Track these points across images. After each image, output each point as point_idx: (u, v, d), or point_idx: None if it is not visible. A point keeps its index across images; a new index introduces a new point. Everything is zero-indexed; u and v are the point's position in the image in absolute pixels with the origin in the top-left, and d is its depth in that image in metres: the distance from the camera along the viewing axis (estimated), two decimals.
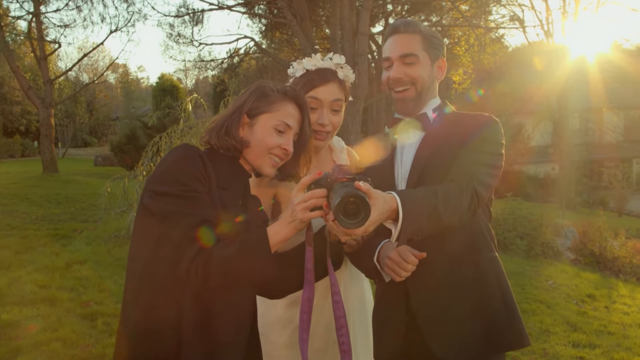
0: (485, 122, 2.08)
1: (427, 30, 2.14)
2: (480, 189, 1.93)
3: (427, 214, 1.78)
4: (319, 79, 2.14)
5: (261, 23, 21.73)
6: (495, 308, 2.04)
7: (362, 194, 1.55)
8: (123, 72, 46.87)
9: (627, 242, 10.25)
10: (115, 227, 9.23)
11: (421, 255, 1.86)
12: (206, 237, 1.61)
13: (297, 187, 1.69)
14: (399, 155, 2.17)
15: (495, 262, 2.11)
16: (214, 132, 1.82)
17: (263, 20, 21.12)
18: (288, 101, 1.86)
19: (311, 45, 16.38)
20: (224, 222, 1.67)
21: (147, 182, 1.72)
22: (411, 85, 2.10)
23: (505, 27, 21.42)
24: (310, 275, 1.75)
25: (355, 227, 1.55)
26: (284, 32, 22.23)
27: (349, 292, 2.29)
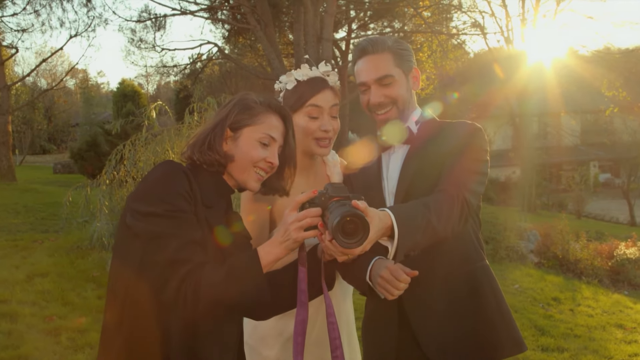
0: (469, 130, 2.09)
1: (395, 45, 2.14)
2: (470, 198, 1.94)
3: (422, 228, 1.78)
4: (316, 86, 2.15)
5: (224, 29, 21.57)
6: (491, 316, 2.06)
7: (361, 213, 1.52)
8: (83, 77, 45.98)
9: (589, 244, 10.48)
10: (78, 238, 9.01)
11: (413, 274, 1.85)
12: (193, 260, 1.54)
13: (291, 206, 1.65)
14: (385, 170, 2.17)
15: (488, 270, 2.13)
16: (197, 147, 1.75)
17: (226, 25, 20.95)
18: (272, 113, 1.81)
19: (275, 51, 16.35)
20: (210, 243, 1.62)
21: (129, 201, 1.64)
22: (392, 105, 2.11)
23: (466, 34, 21.71)
24: (304, 297, 1.70)
25: (354, 247, 1.53)
26: (247, 37, 22.11)
27: (341, 309, 2.28)
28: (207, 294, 1.52)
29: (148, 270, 1.56)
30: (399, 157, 2.15)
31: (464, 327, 2.03)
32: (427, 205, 1.83)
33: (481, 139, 2.08)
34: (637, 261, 9.52)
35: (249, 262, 1.60)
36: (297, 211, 1.64)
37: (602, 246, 10.53)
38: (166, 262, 1.53)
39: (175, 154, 8.08)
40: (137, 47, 20.22)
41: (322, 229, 1.60)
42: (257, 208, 2.06)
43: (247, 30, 21.10)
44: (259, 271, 1.60)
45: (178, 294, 1.52)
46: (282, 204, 2.09)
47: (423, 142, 2.11)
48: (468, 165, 2.01)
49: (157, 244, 1.54)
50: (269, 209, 2.15)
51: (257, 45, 22.91)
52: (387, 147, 2.18)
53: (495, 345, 2.03)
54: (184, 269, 1.52)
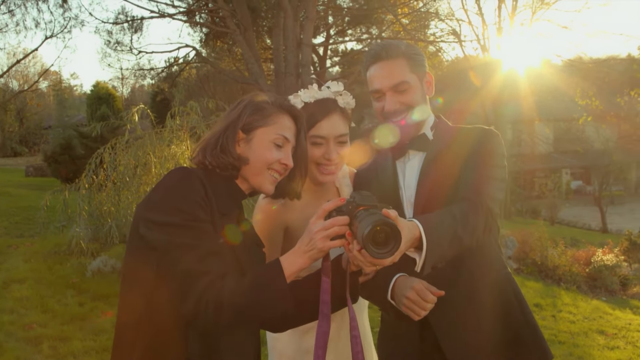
0: (487, 136, 2.05)
1: (409, 50, 2.10)
2: (492, 206, 1.91)
3: (449, 239, 1.74)
4: (320, 112, 2.03)
5: (202, 32, 21.41)
6: (517, 325, 2.04)
7: (393, 222, 1.47)
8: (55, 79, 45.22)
9: (566, 251, 10.59)
10: (55, 243, 8.84)
11: (439, 294, 1.81)
12: (214, 271, 1.49)
13: (317, 214, 1.60)
14: (401, 179, 2.12)
15: (510, 277, 2.11)
16: (208, 150, 1.70)
17: (204, 29, 20.79)
18: (283, 113, 1.76)
19: (254, 55, 16.28)
20: (227, 253, 1.56)
21: (141, 210, 1.58)
22: (407, 112, 2.06)
23: (444, 41, 21.90)
24: (326, 309, 1.64)
25: (385, 257, 1.47)
26: (225, 41, 21.98)
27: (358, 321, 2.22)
28: (230, 306, 1.47)
29: (166, 283, 1.51)
30: (415, 164, 2.11)
31: (490, 337, 2.00)
32: (454, 216, 1.79)
33: (499, 144, 2.05)
34: (613, 268, 9.63)
35: (272, 273, 1.55)
36: (323, 219, 1.58)
37: (580, 253, 10.63)
38: (185, 274, 1.48)
39: (156, 157, 7.98)
40: (114, 50, 19.98)
41: (349, 238, 1.55)
42: (273, 221, 1.99)
43: (226, 34, 20.97)
44: (282, 282, 1.54)
45: (199, 306, 1.46)
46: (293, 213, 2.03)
47: (439, 148, 2.07)
48: (488, 172, 1.98)
49: (175, 255, 1.48)
50: (274, 208, 2.07)
51: (235, 49, 22.81)
52: (400, 154, 2.14)
53: (523, 355, 2.01)
54: (205, 281, 1.47)
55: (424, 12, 21.28)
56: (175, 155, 8.01)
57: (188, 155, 8.20)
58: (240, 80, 18.67)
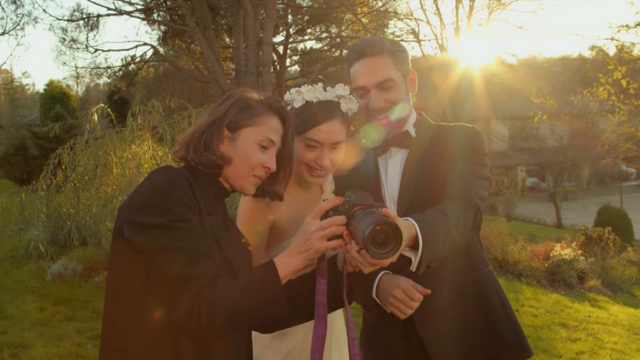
0: (470, 134, 2.06)
1: (393, 47, 2.07)
2: (479, 204, 1.92)
3: (443, 238, 1.73)
4: (322, 114, 1.92)
5: (160, 30, 21.08)
6: (499, 322, 2.05)
7: (395, 222, 1.43)
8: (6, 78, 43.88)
9: (526, 246, 10.82)
10: (12, 247, 8.59)
11: (426, 292, 1.81)
12: (205, 273, 1.43)
13: (313, 213, 1.54)
14: (383, 176, 2.11)
15: (493, 275, 2.12)
16: (192, 146, 1.62)
17: (162, 27, 20.48)
18: (272, 114, 1.69)
19: (214, 54, 16.10)
20: (216, 254, 1.52)
21: (124, 212, 1.50)
22: (392, 109, 2.04)
23: (404, 40, 22.03)
24: (323, 310, 1.58)
25: (386, 258, 1.43)
26: (183, 39, 21.70)
27: (336, 320, 2.18)
28: (223, 310, 1.41)
29: (155, 288, 1.44)
30: (397, 161, 2.09)
31: (473, 334, 2.01)
32: (446, 214, 1.78)
33: (482, 142, 2.07)
34: (571, 262, 9.88)
35: (267, 275, 1.50)
36: (319, 219, 1.54)
37: (538, 248, 10.87)
38: (175, 277, 1.41)
39: (117, 157, 7.82)
40: (69, 48, 19.50)
41: (347, 238, 1.51)
42: (258, 214, 1.94)
43: (185, 32, 20.69)
44: (277, 284, 1.49)
45: (191, 311, 1.40)
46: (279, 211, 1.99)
47: (423, 146, 2.06)
48: (474, 170, 1.99)
49: (164, 259, 1.42)
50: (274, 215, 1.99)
51: (193, 47, 22.53)
52: (382, 151, 2.12)
53: (504, 351, 2.03)
54: (196, 285, 1.40)
55: (382, 11, 21.42)
56: (137, 155, 7.87)
57: (150, 154, 8.06)
58: (200, 79, 18.47)
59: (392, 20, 22.68)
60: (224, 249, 1.56)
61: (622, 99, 18.57)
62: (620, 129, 19.73)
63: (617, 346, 5.67)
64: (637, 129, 19.25)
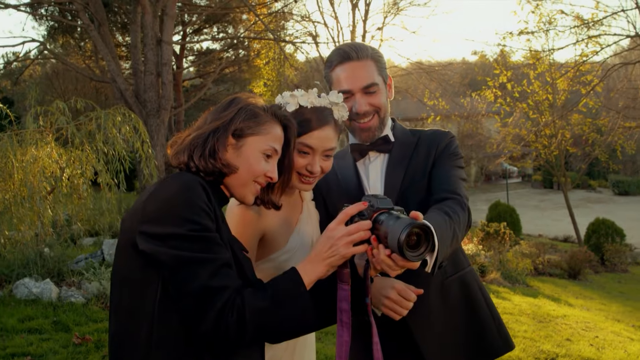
0: (447, 139, 2.13)
1: (374, 53, 2.11)
2: (468, 204, 1.98)
3: (451, 237, 1.76)
4: (316, 121, 1.88)
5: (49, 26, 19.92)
6: (484, 318, 2.13)
7: (428, 225, 1.45)
8: None
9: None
10: None
11: (419, 292, 1.84)
12: (230, 285, 1.38)
13: (338, 218, 1.53)
14: (365, 180, 2.13)
15: (474, 274, 2.20)
16: (197, 151, 1.55)
17: (51, 22, 19.37)
18: (277, 123, 1.66)
19: (111, 52, 15.45)
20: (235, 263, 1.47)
21: (133, 224, 1.41)
22: (374, 113, 2.07)
23: (305, 42, 22.22)
24: (346, 317, 1.56)
25: (419, 259, 1.45)
26: (73, 36, 20.68)
27: None
28: (252, 324, 1.36)
29: (177, 303, 1.37)
30: (377, 166, 2.13)
31: (461, 332, 2.08)
32: (449, 214, 1.82)
33: (457, 146, 2.15)
34: (474, 257, 10.42)
35: (293, 285, 1.46)
36: (344, 225, 1.53)
37: None
38: (200, 291, 1.34)
39: (17, 161, 7.33)
40: None
41: (375, 243, 1.51)
42: (250, 224, 1.88)
43: (75, 28, 19.73)
44: (304, 294, 1.46)
45: (219, 325, 1.34)
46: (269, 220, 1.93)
47: (402, 150, 2.11)
48: (458, 172, 2.07)
49: (186, 271, 1.35)
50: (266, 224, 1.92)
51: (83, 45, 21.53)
52: (362, 155, 2.15)
53: (491, 345, 2.11)
54: (223, 297, 1.35)
55: (280, 13, 21.48)
56: (38, 159, 7.41)
57: (54, 158, 7.61)
58: (96, 78, 17.67)
59: (289, 21, 22.83)
60: (239, 257, 1.51)
61: (508, 101, 19.86)
62: (506, 130, 21.07)
63: (527, 334, 6.03)
64: (520, 130, 20.66)
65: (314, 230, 2.05)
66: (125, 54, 22.28)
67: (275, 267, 1.89)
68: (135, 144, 8.03)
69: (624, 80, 18.35)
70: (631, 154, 21.66)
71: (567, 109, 19.16)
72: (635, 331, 7.31)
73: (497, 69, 18.89)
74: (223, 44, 25.01)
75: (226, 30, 24.92)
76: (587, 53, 16.45)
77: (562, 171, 21.06)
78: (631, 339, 6.53)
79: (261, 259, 1.92)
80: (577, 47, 16.58)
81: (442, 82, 23.73)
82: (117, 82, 14.89)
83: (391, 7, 23.40)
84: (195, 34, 24.84)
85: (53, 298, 5.88)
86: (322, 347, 5.01)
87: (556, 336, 6.10)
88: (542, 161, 21.91)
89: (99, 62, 18.69)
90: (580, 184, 34.20)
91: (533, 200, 33.13)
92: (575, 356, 5.29)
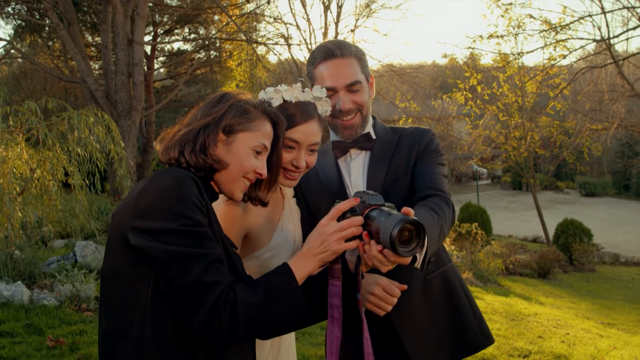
0: (428, 136, 2.16)
1: (357, 51, 2.13)
2: (452, 200, 2.00)
3: (438, 234, 1.79)
4: (300, 115, 1.88)
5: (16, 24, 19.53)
6: (466, 314, 2.16)
7: (419, 221, 1.46)
8: None
9: None
10: None
11: (403, 287, 1.86)
12: (223, 280, 1.38)
13: (329, 214, 1.54)
14: (347, 177, 2.15)
15: (456, 269, 2.24)
16: (187, 147, 1.55)
17: (19, 21, 18.99)
18: (267, 120, 1.68)
19: (81, 52, 15.22)
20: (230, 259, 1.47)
21: (124, 219, 1.41)
22: (357, 111, 2.09)
23: (277, 44, 22.20)
24: (337, 313, 1.57)
25: (411, 255, 1.47)
26: (41, 35, 20.31)
27: None
28: (245, 319, 1.37)
29: (168, 298, 1.37)
30: (359, 163, 2.15)
31: (443, 327, 2.12)
32: (435, 211, 1.85)
33: (439, 144, 2.18)
34: None
35: (285, 280, 1.47)
36: (335, 220, 1.54)
37: None
38: (192, 286, 1.34)
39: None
40: None
41: (366, 239, 1.52)
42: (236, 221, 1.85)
43: (43, 27, 19.37)
44: (296, 290, 1.47)
45: (211, 321, 1.34)
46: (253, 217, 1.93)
47: (384, 147, 2.14)
48: (440, 169, 2.10)
49: (178, 266, 1.35)
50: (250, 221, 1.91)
51: (51, 44, 21.16)
52: (343, 153, 2.17)
53: (472, 340, 2.15)
54: (215, 292, 1.35)
55: (253, 14, 21.43)
56: (8, 160, 7.28)
57: (25, 159, 7.48)
58: (66, 78, 17.37)
59: (262, 23, 22.80)
60: (231, 253, 1.52)
61: (479, 104, 20.12)
62: (476, 132, 21.33)
63: (501, 332, 6.13)
64: (490, 132, 20.94)
65: (295, 228, 2.05)
66: (95, 54, 21.95)
67: (260, 265, 1.90)
68: (108, 145, 7.94)
69: (590, 84, 18.73)
70: (597, 155, 22.06)
71: (535, 111, 19.48)
72: (604, 328, 7.48)
73: (468, 72, 19.14)
74: (195, 44, 24.80)
75: (198, 31, 24.74)
76: (555, 57, 16.78)
77: (531, 173, 21.39)
78: (600, 335, 6.68)
79: (245, 256, 1.92)
80: (545, 50, 16.88)
81: (414, 84, 23.94)
82: (88, 83, 14.67)
83: (363, 10, 23.58)
84: (166, 35, 24.59)
85: (25, 301, 5.78)
86: (299, 347, 5.02)
87: (528, 334, 6.21)
88: (511, 163, 22.26)
89: (68, 62, 18.37)
90: (549, 185, 34.75)
91: (502, 202, 33.57)
92: (548, 353, 5.39)
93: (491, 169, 35.23)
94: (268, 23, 23.16)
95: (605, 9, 15.34)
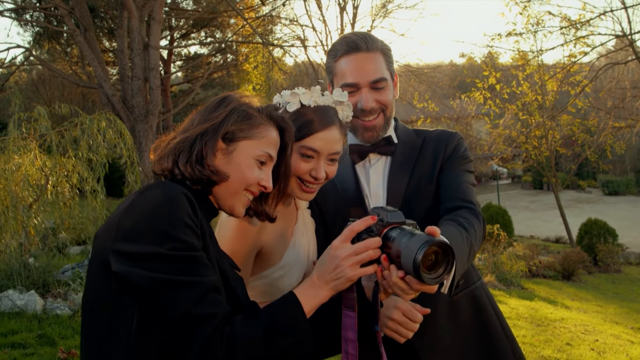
0: (455, 140, 1.96)
1: (383, 46, 1.93)
2: (482, 213, 1.81)
3: (467, 254, 1.60)
4: (319, 122, 1.67)
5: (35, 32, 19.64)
6: (497, 336, 1.95)
7: (448, 242, 1.26)
8: None
9: None
10: None
11: (425, 311, 1.64)
12: (219, 312, 1.21)
13: (342, 235, 1.35)
14: (365, 185, 1.95)
15: (485, 288, 2.02)
16: (182, 157, 1.37)
17: (37, 28, 19.08)
18: (272, 126, 1.48)
19: (97, 58, 15.22)
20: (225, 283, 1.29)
21: (106, 241, 1.23)
22: (380, 111, 1.89)
23: (294, 45, 22.10)
24: (353, 348, 1.38)
25: (438, 282, 1.26)
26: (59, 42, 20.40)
27: None
28: (245, 355, 1.20)
29: (155, 332, 1.20)
30: (379, 169, 1.95)
31: (472, 352, 1.91)
32: (465, 227, 1.65)
33: (467, 148, 1.97)
34: None
35: (291, 313, 1.30)
36: (349, 242, 1.35)
37: None
38: (183, 319, 1.17)
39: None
40: None
41: (385, 263, 1.33)
42: (248, 237, 1.66)
43: (61, 34, 19.45)
44: (304, 323, 1.29)
45: (205, 356, 1.18)
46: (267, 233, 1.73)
47: (406, 153, 1.94)
48: (468, 178, 1.90)
49: (166, 296, 1.17)
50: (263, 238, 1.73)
51: (70, 51, 21.25)
52: (361, 158, 1.97)
53: None
54: (209, 327, 1.18)
55: (269, 16, 21.34)
56: (22, 166, 7.22)
57: (38, 165, 7.42)
58: (83, 84, 17.40)
59: (278, 25, 22.70)
60: (229, 278, 1.35)
61: (498, 103, 19.81)
62: (496, 132, 21.01)
63: (527, 339, 5.91)
64: (511, 132, 20.61)
65: (309, 242, 1.86)
66: (112, 60, 22.02)
67: (268, 284, 1.72)
68: (121, 150, 7.86)
69: (612, 81, 18.37)
70: (620, 153, 21.59)
71: (556, 109, 19.14)
72: (634, 333, 7.21)
73: (486, 71, 18.85)
74: (211, 48, 24.77)
75: (214, 34, 24.73)
76: (576, 54, 16.43)
77: (553, 172, 21.01)
78: (631, 342, 6.41)
79: (253, 275, 1.74)
80: (565, 48, 16.55)
81: (431, 84, 23.69)
82: (104, 88, 14.66)
83: (379, 10, 23.38)
84: (182, 39, 24.61)
85: (38, 310, 5.69)
86: None
87: (556, 340, 5.97)
88: (532, 162, 21.85)
89: (86, 68, 18.41)
90: (570, 184, 34.23)
91: (523, 202, 33.12)
92: None
93: (511, 168, 34.74)
94: (284, 25, 23.10)
95: (626, 4, 15.02)
